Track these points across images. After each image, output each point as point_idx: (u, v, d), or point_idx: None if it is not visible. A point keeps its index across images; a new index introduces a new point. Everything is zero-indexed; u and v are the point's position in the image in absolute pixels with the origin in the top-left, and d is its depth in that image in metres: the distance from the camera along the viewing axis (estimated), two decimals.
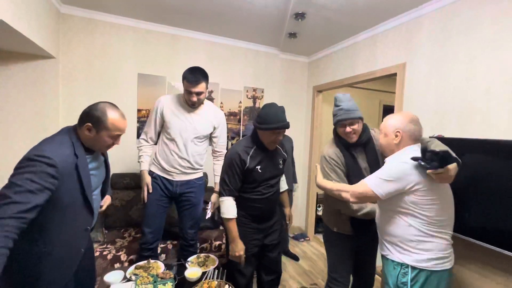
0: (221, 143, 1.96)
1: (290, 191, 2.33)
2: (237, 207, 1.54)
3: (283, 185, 1.82)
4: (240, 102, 3.18)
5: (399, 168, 1.14)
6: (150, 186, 1.77)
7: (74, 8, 2.39)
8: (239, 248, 1.50)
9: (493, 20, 1.60)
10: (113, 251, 1.96)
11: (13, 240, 0.85)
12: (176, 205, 1.91)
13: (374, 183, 1.18)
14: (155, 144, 1.86)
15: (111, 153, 1.38)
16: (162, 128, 1.82)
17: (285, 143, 1.84)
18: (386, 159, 1.26)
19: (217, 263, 1.65)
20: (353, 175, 1.44)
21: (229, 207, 1.51)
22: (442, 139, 1.69)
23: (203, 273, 1.53)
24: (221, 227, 2.50)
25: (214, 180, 1.96)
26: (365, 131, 1.51)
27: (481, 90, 1.65)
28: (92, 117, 1.10)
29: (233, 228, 1.51)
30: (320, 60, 3.31)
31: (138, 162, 1.84)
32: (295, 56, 3.47)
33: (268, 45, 3.19)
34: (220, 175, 1.62)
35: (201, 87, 1.71)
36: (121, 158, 2.62)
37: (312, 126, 3.42)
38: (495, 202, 1.44)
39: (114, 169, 2.50)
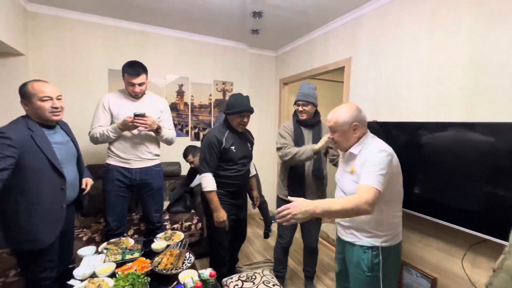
0: (168, 125, 2.07)
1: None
2: (218, 186, 1.80)
3: (252, 170, 2.12)
4: (210, 95, 3.37)
5: (386, 159, 1.15)
6: (129, 117, 1.77)
7: (41, 6, 2.47)
8: (221, 215, 1.76)
9: (412, 20, 1.88)
10: (89, 234, 2.14)
11: None
12: (137, 192, 2.01)
13: (378, 182, 1.11)
14: None
15: (86, 146, 1.57)
16: (111, 122, 1.89)
17: None
18: (350, 151, 1.28)
19: (182, 237, 1.87)
20: (299, 142, 1.87)
21: (209, 181, 1.76)
22: (376, 123, 1.99)
23: (168, 246, 1.74)
24: (192, 211, 2.72)
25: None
26: (316, 115, 1.92)
27: (405, 80, 1.94)
28: (20, 93, 1.38)
29: (215, 198, 1.77)
30: (285, 54, 3.55)
31: (107, 133, 1.82)
32: (263, 51, 3.68)
33: (236, 41, 3.38)
34: (200, 155, 1.86)
35: (141, 78, 1.86)
36: (95, 150, 2.76)
37: (280, 116, 3.67)
38: (421, 176, 1.70)
39: (89, 161, 2.65)
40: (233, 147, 1.80)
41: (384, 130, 1.91)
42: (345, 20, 2.48)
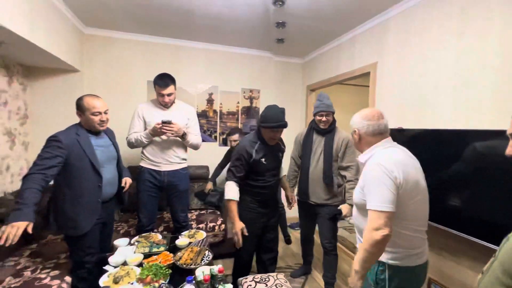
0: (195, 131, 2.23)
1: None
2: (247, 194, 1.83)
3: (282, 172, 2.10)
4: (238, 103, 3.52)
5: (382, 173, 1.06)
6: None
7: (94, 29, 2.89)
8: (237, 226, 1.73)
9: (439, 23, 1.79)
10: (125, 228, 2.41)
11: (40, 186, 1.35)
12: (166, 193, 2.19)
13: (377, 202, 1.05)
14: None
15: (128, 150, 1.85)
16: (145, 129, 2.09)
17: None
18: (358, 159, 1.28)
19: (204, 236, 2.01)
20: (306, 148, 2.13)
21: (231, 190, 1.74)
22: (401, 130, 1.92)
23: (190, 243, 1.89)
24: (217, 212, 2.87)
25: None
26: (333, 123, 2.04)
27: (432, 85, 1.84)
28: (77, 106, 1.64)
29: (233, 208, 1.73)
30: (312, 60, 3.56)
31: (140, 138, 2.03)
32: (289, 58, 3.74)
33: (262, 50, 3.50)
34: (230, 162, 1.83)
35: (170, 89, 2.05)
36: (134, 154, 3.08)
37: (306, 122, 3.67)
38: (450, 188, 1.58)
39: (129, 163, 2.97)
40: (263, 159, 1.76)
41: (409, 138, 1.83)
42: (370, 24, 2.43)
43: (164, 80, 2.05)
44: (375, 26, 2.40)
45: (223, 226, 2.63)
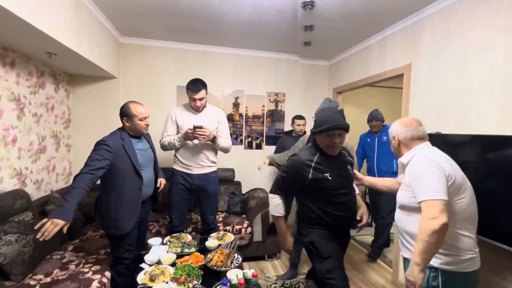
0: (225, 135, 2.29)
1: None
2: (314, 222, 1.48)
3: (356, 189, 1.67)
4: (263, 106, 3.54)
5: (430, 165, 1.10)
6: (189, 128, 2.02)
7: (130, 38, 3.07)
8: (287, 244, 1.59)
9: (483, 21, 1.67)
10: (157, 227, 2.51)
11: (87, 186, 1.46)
12: (196, 195, 2.26)
13: (428, 191, 1.07)
14: None
15: (162, 153, 1.90)
16: (177, 132, 2.19)
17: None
18: (399, 160, 1.32)
19: (232, 238, 2.03)
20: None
21: (276, 206, 1.52)
22: (440, 135, 1.82)
23: (219, 245, 1.93)
24: (243, 215, 2.89)
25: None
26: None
27: (474, 87, 1.72)
28: (124, 113, 1.72)
29: (281, 225, 1.56)
30: (339, 63, 3.49)
31: (173, 141, 2.12)
32: (315, 61, 3.70)
33: (288, 53, 3.49)
34: (277, 176, 1.59)
35: (201, 93, 2.10)
36: (166, 156, 3.21)
37: None
38: (499, 200, 1.44)
39: (161, 165, 3.10)
40: (327, 174, 1.41)
41: (449, 143, 1.72)
42: (403, 25, 2.33)
43: (196, 85, 2.11)
44: (408, 26, 2.30)
45: (249, 229, 2.65)
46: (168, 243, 1.91)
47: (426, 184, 1.08)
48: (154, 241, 1.91)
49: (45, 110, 2.40)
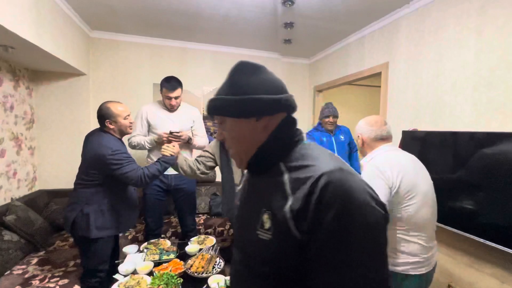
0: (201, 133, 2.23)
1: None
2: None
3: None
4: None
5: (372, 171, 1.13)
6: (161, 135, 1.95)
7: (100, 32, 2.87)
8: None
9: (456, 21, 1.73)
10: (133, 233, 2.37)
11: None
12: (173, 196, 2.18)
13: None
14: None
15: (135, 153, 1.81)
16: (149, 132, 2.09)
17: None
18: (361, 162, 1.34)
19: (214, 241, 1.96)
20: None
21: None
22: (416, 132, 1.86)
23: (200, 249, 1.84)
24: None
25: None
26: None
27: (448, 86, 1.78)
28: (106, 115, 1.59)
29: None
30: (319, 61, 3.51)
31: (143, 143, 2.02)
32: (296, 59, 3.69)
33: (269, 50, 3.45)
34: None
35: (177, 92, 2.02)
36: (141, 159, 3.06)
37: (314, 124, 3.61)
38: (470, 193, 1.52)
39: None
40: None
41: (425, 140, 1.77)
42: (381, 24, 2.37)
43: (171, 83, 2.01)
44: (385, 26, 2.34)
45: (231, 230, 2.58)
46: (145, 250, 1.80)
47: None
48: (129, 249, 1.79)
49: (2, 109, 2.17)
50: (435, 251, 1.19)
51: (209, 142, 2.28)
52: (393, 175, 1.09)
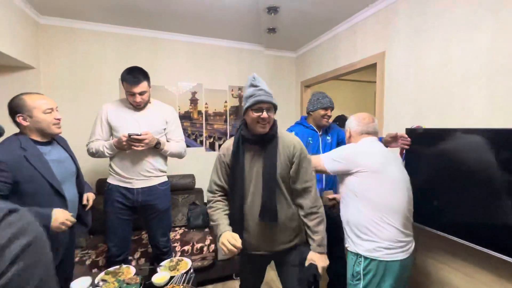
0: (176, 137, 1.85)
1: None
2: None
3: None
4: (226, 102, 3.14)
5: (346, 149, 1.36)
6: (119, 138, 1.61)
7: (53, 18, 2.43)
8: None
9: (467, 1, 1.48)
10: (93, 257, 1.98)
11: None
12: (141, 214, 1.80)
13: (326, 160, 1.37)
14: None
15: (93, 161, 1.61)
16: (112, 136, 1.73)
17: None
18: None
19: (189, 265, 1.63)
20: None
21: None
22: (421, 129, 1.60)
23: (171, 278, 1.51)
24: (205, 229, 2.48)
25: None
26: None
27: (458, 75, 1.54)
28: (16, 108, 1.25)
29: None
30: (306, 54, 3.23)
31: (102, 149, 1.67)
32: (281, 52, 3.39)
33: (251, 42, 3.13)
34: None
35: (142, 86, 1.65)
36: (104, 165, 2.65)
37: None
38: (463, 195, 1.38)
39: (99, 175, 2.54)
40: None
41: (431, 139, 1.52)
42: (375, 9, 2.11)
43: (134, 76, 1.65)
44: (380, 10, 2.09)
45: (212, 246, 2.24)
46: (100, 283, 1.44)
47: (332, 159, 1.34)
48: (79, 284, 1.42)
49: None
50: (412, 240, 1.28)
51: (186, 146, 1.93)
52: (362, 160, 1.27)
